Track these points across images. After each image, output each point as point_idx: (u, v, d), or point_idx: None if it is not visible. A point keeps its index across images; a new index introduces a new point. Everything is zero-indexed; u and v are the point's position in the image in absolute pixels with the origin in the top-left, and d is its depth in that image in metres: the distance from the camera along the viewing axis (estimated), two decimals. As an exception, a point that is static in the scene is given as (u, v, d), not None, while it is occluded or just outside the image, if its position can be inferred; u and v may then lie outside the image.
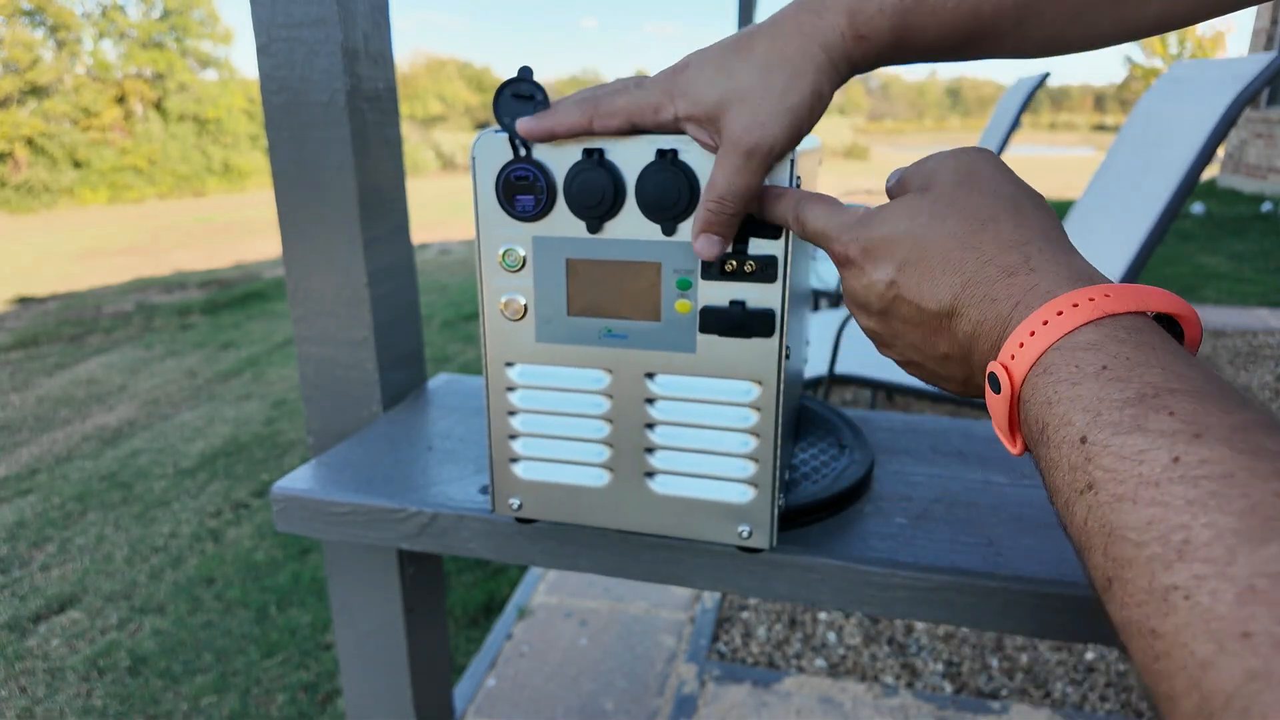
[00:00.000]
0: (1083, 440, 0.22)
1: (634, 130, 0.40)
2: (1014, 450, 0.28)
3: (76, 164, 12.19)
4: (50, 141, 12.05)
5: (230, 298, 4.90)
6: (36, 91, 12.55)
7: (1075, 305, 0.25)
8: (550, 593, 1.63)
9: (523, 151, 0.42)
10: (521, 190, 0.43)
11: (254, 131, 14.32)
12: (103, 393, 3.24)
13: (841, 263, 0.34)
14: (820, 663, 1.43)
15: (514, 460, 0.49)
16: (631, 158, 0.41)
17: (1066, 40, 0.36)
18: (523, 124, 0.41)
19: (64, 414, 3.00)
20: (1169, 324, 0.26)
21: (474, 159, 0.43)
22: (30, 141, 11.92)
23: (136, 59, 14.10)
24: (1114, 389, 0.23)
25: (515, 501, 0.50)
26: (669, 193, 0.40)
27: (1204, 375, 0.23)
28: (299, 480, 0.61)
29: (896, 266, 0.31)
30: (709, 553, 0.51)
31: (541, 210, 0.43)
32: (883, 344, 0.35)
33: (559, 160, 0.42)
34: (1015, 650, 1.46)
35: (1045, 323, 0.25)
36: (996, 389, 0.27)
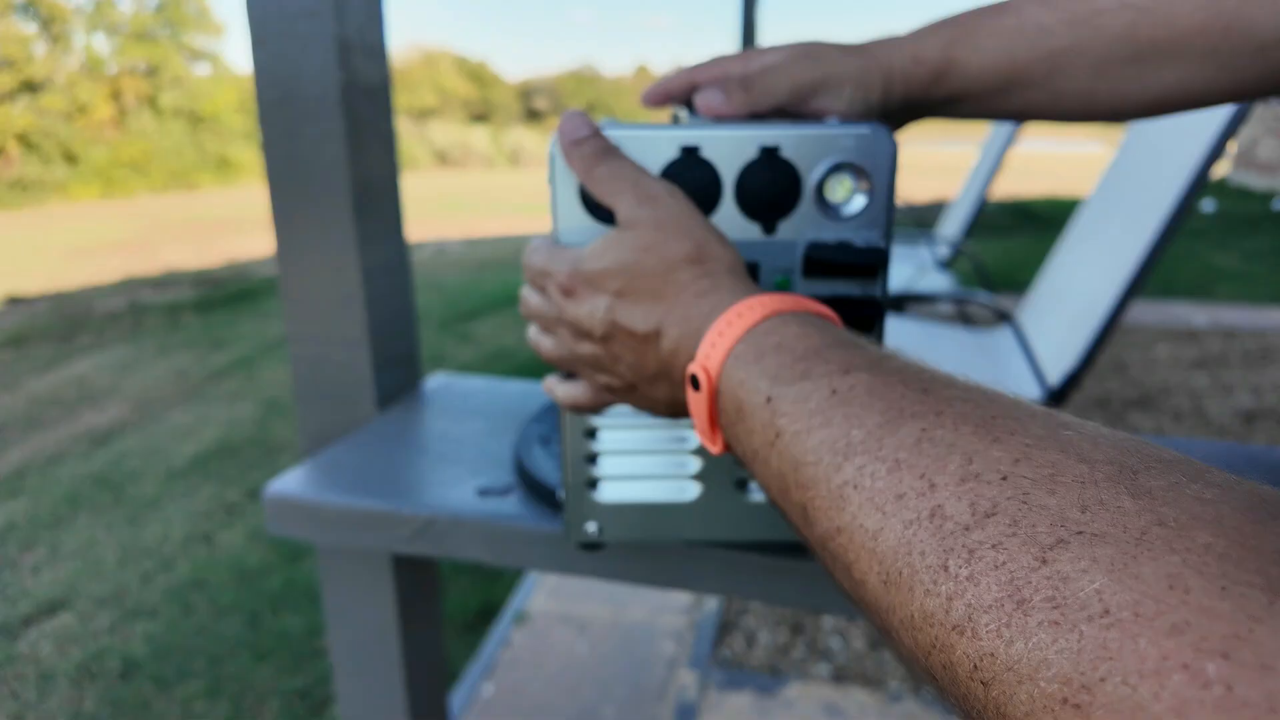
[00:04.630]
0: (768, 400, 0.27)
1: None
2: (715, 449, 0.32)
3: (69, 159, 12.15)
4: (44, 137, 12.00)
5: (222, 296, 4.88)
6: (29, 87, 12.49)
7: (750, 308, 0.31)
8: (549, 598, 1.62)
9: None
10: None
11: (248, 126, 14.30)
12: (93, 393, 3.21)
13: (564, 293, 0.37)
14: (824, 669, 1.42)
15: (592, 484, 0.46)
16: (731, 155, 0.39)
17: (1098, 101, 0.39)
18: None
19: (53, 414, 2.98)
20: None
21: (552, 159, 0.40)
22: (22, 137, 11.87)
23: (129, 53, 14.06)
24: (786, 356, 0.28)
25: (593, 526, 0.46)
26: (772, 191, 0.39)
27: (848, 337, 0.29)
28: (291, 482, 0.60)
29: (613, 293, 0.35)
30: (714, 558, 0.51)
31: None
32: (600, 369, 0.38)
33: (652, 159, 0.40)
34: (1018, 654, 1.45)
35: (729, 324, 0.31)
36: (697, 387, 0.31)
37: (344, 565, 0.69)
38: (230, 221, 8.44)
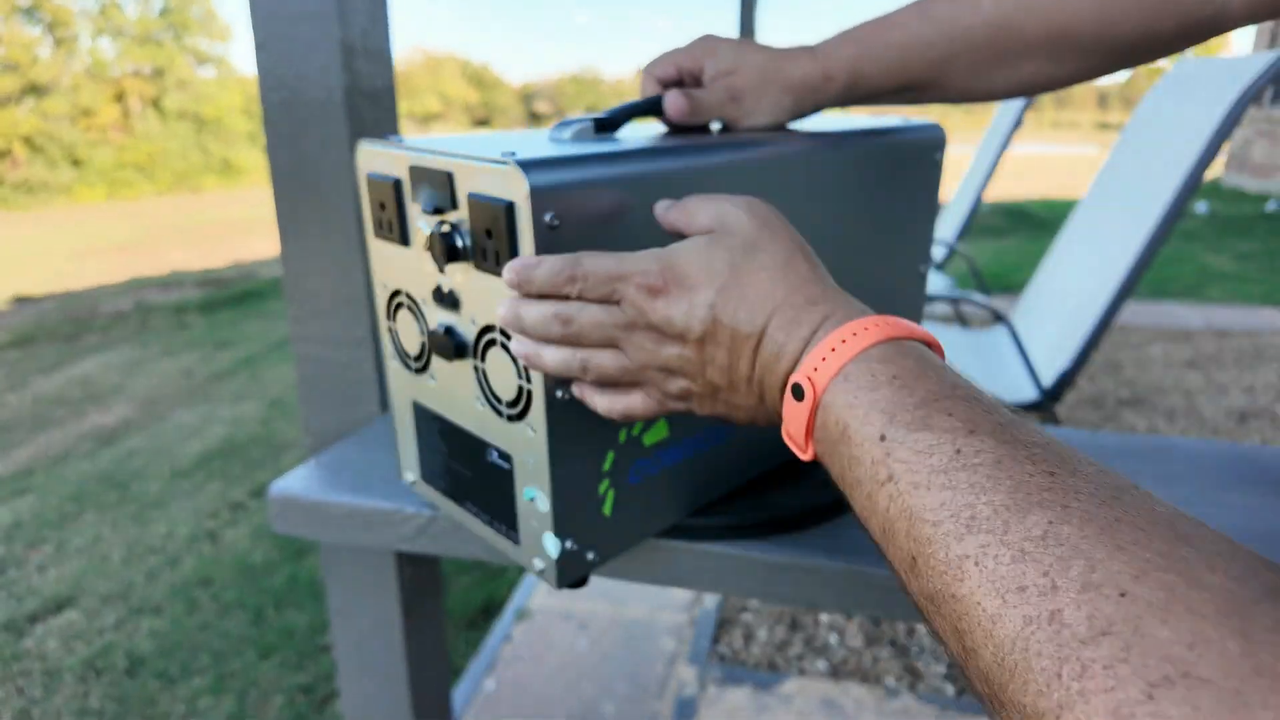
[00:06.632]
0: (882, 438, 0.27)
1: None
2: (805, 455, 0.32)
3: (75, 162, 12.18)
4: (48, 140, 12.03)
5: (227, 297, 4.89)
6: (34, 90, 12.53)
7: (865, 329, 0.31)
8: (549, 595, 1.62)
9: None
10: None
11: (252, 129, 14.30)
12: (99, 392, 3.23)
13: (651, 293, 0.35)
14: (822, 665, 1.42)
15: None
16: None
17: (974, 90, 0.50)
18: None
19: (60, 414, 2.99)
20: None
21: None
22: (28, 140, 11.90)
23: (134, 56, 14.08)
24: (904, 394, 0.28)
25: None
26: None
27: (968, 386, 0.29)
28: (296, 481, 0.60)
29: (716, 291, 0.34)
30: (711, 554, 0.51)
31: None
32: (683, 373, 0.36)
33: None
34: (1017, 652, 1.46)
35: (844, 341, 0.31)
36: (799, 397, 0.31)
37: (348, 563, 0.70)
38: (235, 224, 8.45)
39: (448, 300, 0.44)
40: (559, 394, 0.41)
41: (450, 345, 0.44)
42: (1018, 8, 0.46)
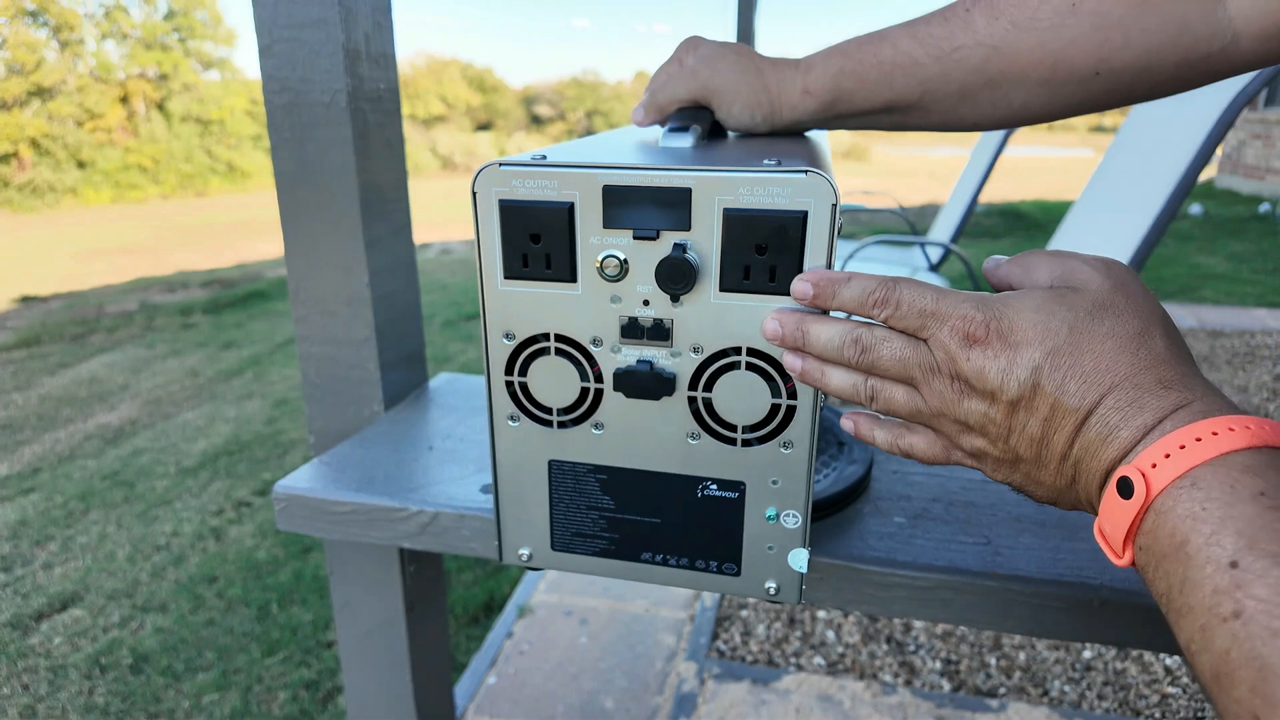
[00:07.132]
0: (1233, 565, 0.22)
1: None
2: (1119, 561, 0.27)
3: (80, 164, 12.22)
4: (54, 143, 12.08)
5: (232, 297, 4.90)
6: (40, 93, 12.58)
7: (1232, 429, 0.25)
8: (550, 591, 1.63)
9: None
10: None
11: (257, 132, 14.33)
12: (105, 392, 3.25)
13: (968, 341, 0.31)
14: (819, 661, 1.43)
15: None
16: None
17: (960, 118, 0.46)
18: None
19: (66, 413, 3.01)
20: None
21: None
22: (34, 142, 11.95)
23: (139, 60, 14.13)
24: (1272, 517, 0.22)
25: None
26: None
27: None
28: (301, 479, 0.61)
29: (1046, 353, 0.29)
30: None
31: None
32: (982, 433, 0.32)
33: None
34: (1013, 649, 1.46)
35: (1199, 439, 0.25)
36: (1127, 494, 0.26)
37: (352, 560, 0.71)
38: (240, 225, 8.47)
39: (653, 333, 0.39)
40: (821, 405, 0.39)
41: (660, 381, 0.40)
42: (1013, 30, 0.42)
